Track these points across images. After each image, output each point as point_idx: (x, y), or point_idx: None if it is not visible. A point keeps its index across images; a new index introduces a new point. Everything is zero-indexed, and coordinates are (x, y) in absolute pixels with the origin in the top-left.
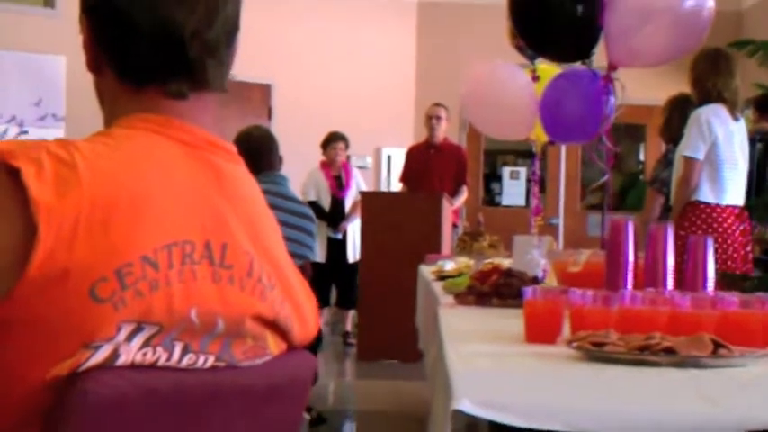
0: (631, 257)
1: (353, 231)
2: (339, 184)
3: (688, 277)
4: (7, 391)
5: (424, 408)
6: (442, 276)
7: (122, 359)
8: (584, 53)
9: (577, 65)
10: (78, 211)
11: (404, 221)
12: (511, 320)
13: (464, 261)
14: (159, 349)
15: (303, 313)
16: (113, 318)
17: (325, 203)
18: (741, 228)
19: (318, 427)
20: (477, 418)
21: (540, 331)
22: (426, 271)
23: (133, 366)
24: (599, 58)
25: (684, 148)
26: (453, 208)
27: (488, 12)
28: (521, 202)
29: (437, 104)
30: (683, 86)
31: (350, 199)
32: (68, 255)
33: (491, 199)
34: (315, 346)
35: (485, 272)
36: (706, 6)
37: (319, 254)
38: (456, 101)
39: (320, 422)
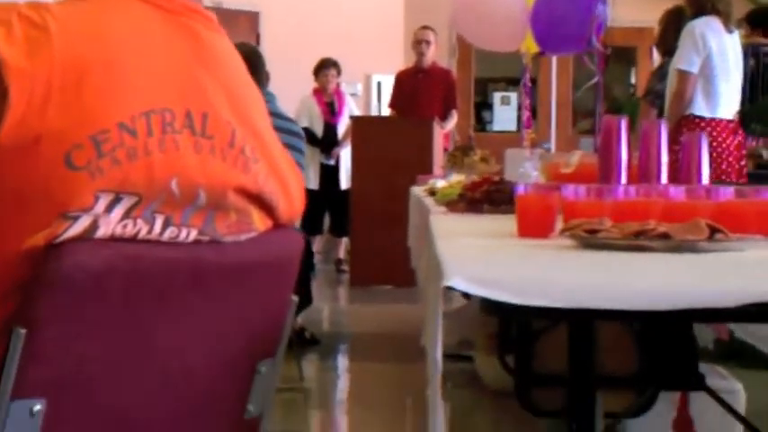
0: (625, 155)
1: (346, 158)
2: (331, 111)
3: (683, 174)
4: None
5: (417, 330)
6: (433, 192)
7: (102, 231)
8: None
9: None
10: (50, 73)
11: (395, 146)
12: (504, 223)
13: (456, 178)
14: (140, 221)
15: (289, 189)
16: (90, 186)
17: (318, 130)
18: (736, 141)
19: (312, 347)
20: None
21: (533, 225)
22: (418, 190)
23: (113, 238)
24: None
25: (678, 62)
26: (444, 132)
27: None
28: (512, 127)
29: (425, 27)
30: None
31: (342, 125)
32: (41, 120)
33: (482, 126)
34: (307, 271)
35: (476, 182)
36: None
37: (312, 180)
38: (445, 25)
39: (314, 343)
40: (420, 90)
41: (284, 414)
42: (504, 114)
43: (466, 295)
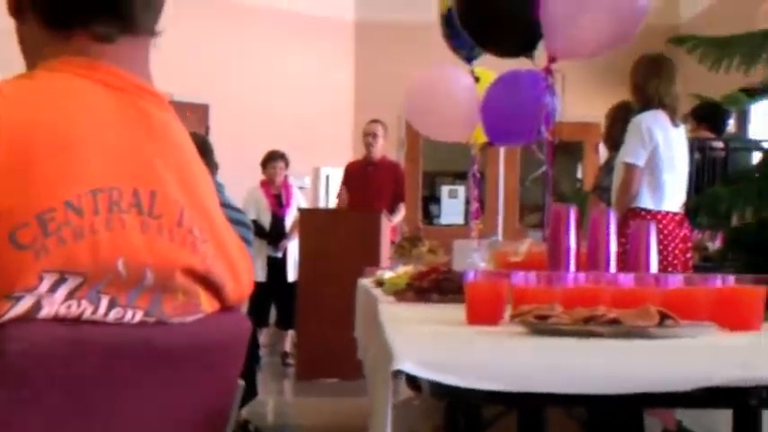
0: (573, 244)
1: (294, 250)
2: (279, 203)
3: (631, 262)
4: None
5: (364, 423)
6: (381, 283)
7: (45, 311)
8: (528, 48)
9: (519, 65)
10: None
11: (342, 238)
12: (453, 311)
13: (404, 269)
14: (84, 302)
15: (237, 270)
16: (35, 266)
17: (266, 222)
18: (682, 234)
19: None
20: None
21: (483, 312)
22: (365, 281)
23: (57, 319)
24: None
25: (625, 155)
26: (392, 224)
27: (423, 31)
28: (460, 220)
29: (374, 121)
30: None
31: (290, 217)
32: None
33: (430, 219)
34: (252, 363)
35: (424, 272)
36: None
37: (259, 273)
38: (394, 119)
39: None
40: (369, 182)
41: None
42: (452, 208)
43: (413, 386)
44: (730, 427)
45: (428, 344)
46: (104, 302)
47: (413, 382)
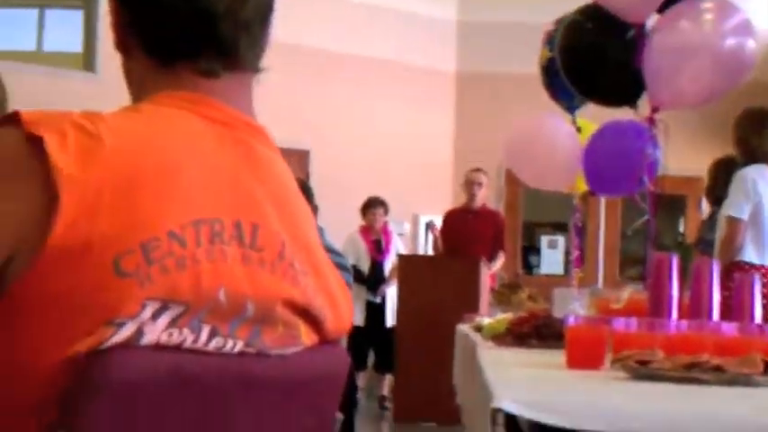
0: (676, 292)
1: (392, 296)
2: (378, 248)
3: (735, 313)
4: (26, 370)
5: None
6: (479, 329)
7: (147, 338)
8: (631, 98)
9: (621, 115)
10: (102, 181)
11: (441, 284)
12: (552, 356)
13: (503, 316)
14: (186, 330)
15: (337, 304)
16: (138, 294)
17: (365, 267)
18: None
19: None
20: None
21: (583, 357)
22: (464, 327)
23: (158, 347)
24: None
25: (728, 208)
26: (491, 272)
27: (525, 81)
28: (559, 270)
29: (477, 169)
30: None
31: (389, 263)
32: (91, 226)
33: (529, 270)
34: (350, 405)
35: (524, 317)
36: (747, 43)
37: (358, 317)
38: (494, 168)
39: None
40: (470, 230)
41: None
42: (551, 258)
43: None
44: None
45: (528, 384)
46: (205, 331)
47: (512, 426)
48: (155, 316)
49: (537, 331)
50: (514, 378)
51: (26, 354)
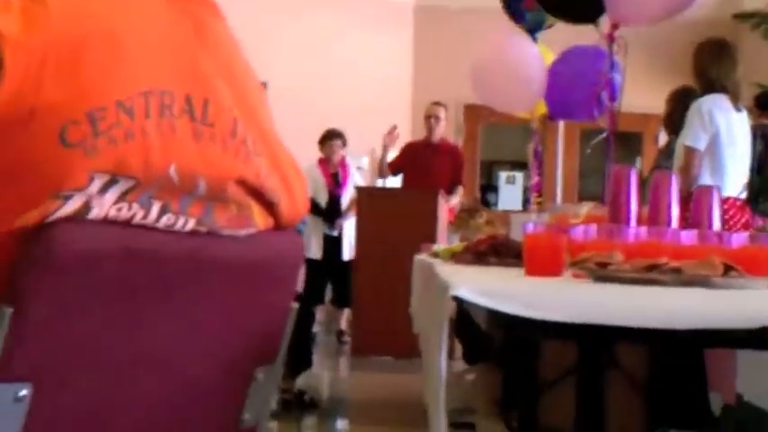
0: (635, 205)
1: (349, 229)
2: (336, 182)
3: (693, 225)
4: None
5: (417, 399)
6: (437, 255)
7: (95, 212)
8: (593, 16)
9: (583, 41)
10: (47, 47)
11: (399, 217)
12: (510, 272)
13: (460, 244)
14: (135, 206)
15: (291, 188)
16: (84, 165)
17: (322, 200)
18: (743, 219)
19: (312, 411)
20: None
21: (541, 264)
22: (421, 256)
23: (107, 221)
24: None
25: (685, 138)
26: (449, 206)
27: (484, 13)
28: (517, 206)
29: (436, 103)
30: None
31: (347, 196)
32: (36, 94)
33: (487, 207)
34: (308, 341)
35: (482, 240)
36: None
37: (315, 251)
38: (452, 106)
39: (313, 406)
40: (428, 164)
41: None
42: (510, 193)
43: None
44: None
45: (486, 279)
46: (156, 207)
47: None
48: (103, 190)
49: (495, 250)
50: (472, 277)
51: None
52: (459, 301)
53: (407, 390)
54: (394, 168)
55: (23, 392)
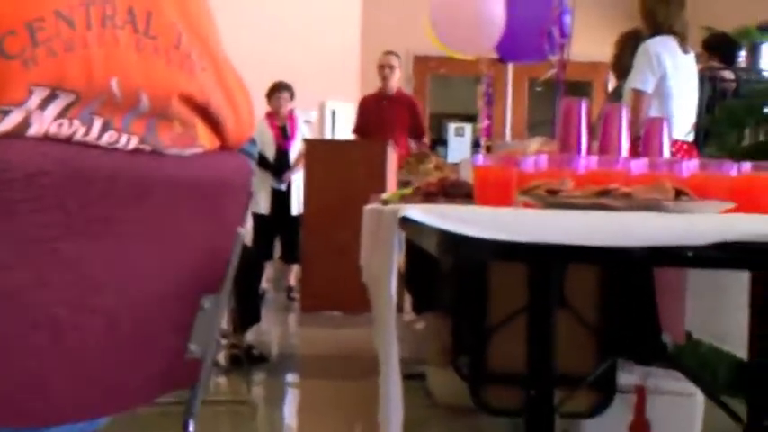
0: (585, 137)
1: (298, 183)
2: (284, 135)
3: (644, 155)
4: None
5: (367, 352)
6: (386, 202)
7: (35, 129)
8: None
9: None
10: None
11: (348, 170)
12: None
13: (409, 188)
14: (76, 122)
15: (237, 107)
16: (23, 77)
17: (270, 154)
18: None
19: (261, 365)
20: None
21: (491, 196)
22: (371, 206)
23: (46, 138)
24: None
25: (633, 81)
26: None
27: None
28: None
29: (390, 52)
30: None
31: (295, 150)
32: None
33: None
34: (256, 298)
35: (431, 182)
36: None
37: (263, 206)
38: (402, 55)
39: (263, 360)
40: (385, 116)
41: (231, 427)
42: (459, 145)
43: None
44: (740, 335)
45: (435, 206)
46: (98, 124)
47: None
48: (43, 105)
49: (445, 191)
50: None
51: None
52: (408, 242)
53: (358, 343)
54: (358, 129)
55: None
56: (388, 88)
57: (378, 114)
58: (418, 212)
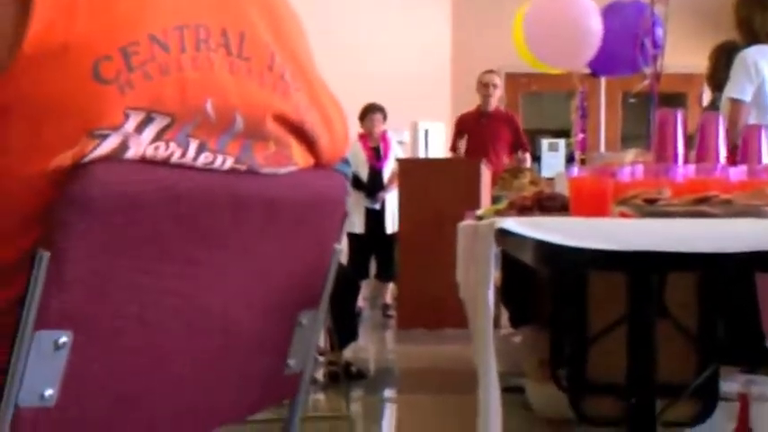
0: (681, 148)
1: (392, 202)
2: (377, 155)
3: (742, 163)
4: (6, 187)
5: (465, 367)
6: (481, 218)
7: (132, 152)
8: None
9: None
10: None
11: (442, 188)
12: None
13: (504, 203)
14: (173, 145)
15: (332, 125)
16: (119, 102)
17: (363, 174)
18: None
19: (359, 382)
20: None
21: (587, 207)
22: (465, 223)
23: (144, 161)
24: None
25: (730, 90)
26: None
27: None
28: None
29: (490, 71)
30: None
31: (388, 169)
32: (68, 28)
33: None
34: (353, 317)
35: (526, 196)
36: None
37: (358, 225)
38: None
39: (361, 377)
40: (486, 133)
41: None
42: (552, 161)
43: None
44: None
45: (530, 218)
46: (193, 146)
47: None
48: (139, 128)
49: (540, 204)
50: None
51: (12, 158)
52: (504, 256)
53: (455, 359)
54: (455, 147)
55: (63, 339)
56: (488, 106)
57: (478, 132)
58: (515, 224)
